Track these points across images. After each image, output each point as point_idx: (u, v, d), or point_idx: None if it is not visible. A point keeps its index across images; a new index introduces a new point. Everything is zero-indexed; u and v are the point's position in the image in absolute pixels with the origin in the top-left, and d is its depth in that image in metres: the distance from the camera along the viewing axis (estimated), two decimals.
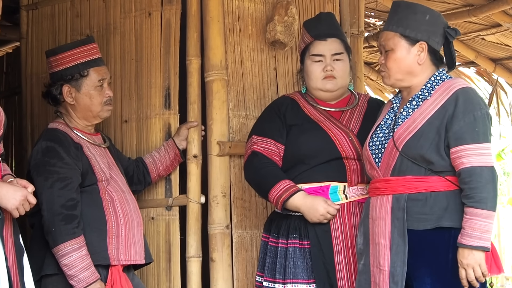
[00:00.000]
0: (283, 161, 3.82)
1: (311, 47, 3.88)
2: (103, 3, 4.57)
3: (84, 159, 3.72)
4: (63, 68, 3.83)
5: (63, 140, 3.72)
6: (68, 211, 3.56)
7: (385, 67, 3.47)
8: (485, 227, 3.19)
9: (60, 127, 3.81)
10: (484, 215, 3.18)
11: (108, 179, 3.77)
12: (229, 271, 4.12)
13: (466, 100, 3.31)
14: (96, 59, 3.86)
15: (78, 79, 3.81)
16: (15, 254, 3.17)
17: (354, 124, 3.83)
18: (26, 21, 4.91)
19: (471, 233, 3.18)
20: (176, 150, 4.17)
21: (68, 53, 3.84)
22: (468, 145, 3.24)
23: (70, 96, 3.82)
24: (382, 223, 3.37)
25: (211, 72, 4.19)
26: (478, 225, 3.18)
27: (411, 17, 3.44)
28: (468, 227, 3.19)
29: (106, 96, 3.84)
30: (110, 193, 3.75)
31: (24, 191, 3.13)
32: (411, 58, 3.43)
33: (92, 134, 3.90)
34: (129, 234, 3.73)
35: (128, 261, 3.73)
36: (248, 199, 4.24)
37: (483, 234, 3.18)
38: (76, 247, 3.53)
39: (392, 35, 3.45)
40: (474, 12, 5.86)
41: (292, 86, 4.48)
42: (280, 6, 4.33)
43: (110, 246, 3.66)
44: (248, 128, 4.25)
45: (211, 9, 4.21)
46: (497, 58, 6.85)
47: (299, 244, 3.72)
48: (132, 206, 3.82)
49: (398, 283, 3.29)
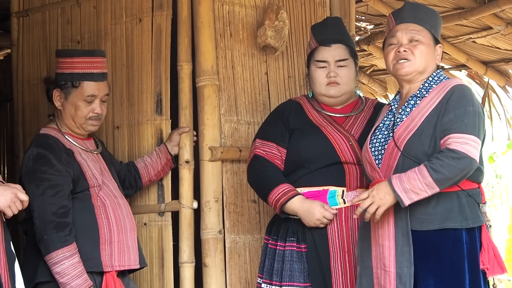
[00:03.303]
0: (285, 165, 3.84)
1: (315, 53, 3.90)
2: (94, 10, 4.56)
3: (75, 165, 3.71)
4: (60, 72, 3.82)
5: (54, 146, 3.70)
6: (59, 219, 3.55)
7: (412, 56, 3.45)
8: (417, 189, 3.20)
9: (51, 132, 3.79)
10: (427, 181, 3.19)
11: (100, 184, 3.76)
12: (222, 276, 4.12)
13: (460, 95, 3.34)
14: (94, 73, 3.80)
15: (69, 88, 3.78)
16: (6, 261, 3.16)
17: (356, 129, 3.85)
18: (17, 28, 4.90)
19: (405, 182, 3.21)
20: (168, 156, 4.16)
21: (69, 59, 3.81)
22: (454, 134, 3.25)
23: (59, 100, 3.81)
24: (385, 224, 3.37)
25: (202, 77, 4.19)
26: (416, 182, 3.20)
27: (433, 19, 3.52)
28: (408, 176, 3.21)
29: (92, 112, 3.80)
30: (102, 199, 3.73)
31: (13, 189, 3.11)
32: (432, 55, 3.48)
33: (84, 139, 3.88)
34: (122, 239, 3.72)
35: (122, 267, 3.72)
36: (240, 204, 4.24)
37: (411, 191, 3.20)
38: (68, 255, 3.52)
39: (421, 28, 3.48)
40: (465, 15, 5.87)
41: (284, 91, 4.49)
42: (271, 11, 4.34)
43: (103, 252, 3.65)
44: (240, 133, 4.26)
45: (202, 15, 4.21)
46: (488, 61, 6.86)
47: (296, 248, 3.73)
48: (125, 211, 3.81)
49: (406, 284, 3.29)
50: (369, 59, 7.28)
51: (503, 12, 5.74)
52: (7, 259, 3.16)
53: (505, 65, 6.84)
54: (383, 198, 3.28)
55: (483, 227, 3.36)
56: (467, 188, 3.33)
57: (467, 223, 3.29)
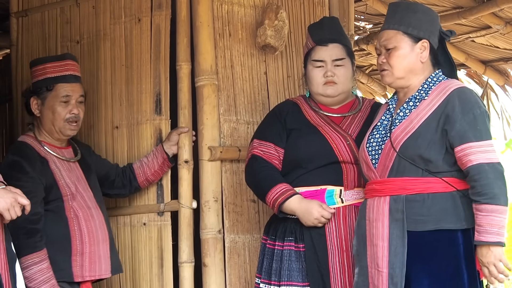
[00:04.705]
0: (283, 165, 3.84)
1: (312, 52, 3.89)
2: (93, 10, 4.56)
3: (48, 174, 3.80)
4: (35, 80, 3.94)
5: (29, 154, 3.80)
6: (30, 225, 3.63)
7: (388, 65, 3.45)
8: (501, 223, 3.20)
9: (28, 140, 3.89)
10: (500, 210, 3.19)
11: (73, 193, 3.84)
12: (222, 276, 4.12)
13: (464, 99, 3.32)
14: (66, 75, 3.92)
15: (44, 92, 3.89)
16: (7, 261, 3.16)
17: (353, 129, 3.84)
18: (16, 28, 4.90)
19: (490, 229, 3.18)
20: (164, 155, 4.17)
21: (40, 67, 3.94)
22: (473, 142, 3.25)
23: (37, 108, 3.91)
24: (379, 225, 3.37)
25: (201, 77, 4.19)
26: (495, 221, 3.18)
27: (412, 15, 3.45)
28: (486, 223, 3.19)
29: (70, 113, 3.88)
30: (75, 211, 3.82)
31: (14, 193, 3.13)
32: (414, 55, 3.44)
33: (61, 148, 3.96)
34: (94, 250, 3.82)
35: (92, 277, 3.84)
36: (240, 203, 4.24)
37: (500, 229, 3.19)
38: (37, 261, 3.61)
39: (394, 33, 3.44)
40: (464, 14, 5.88)
41: (283, 91, 4.49)
42: (270, 10, 4.34)
43: (74, 263, 3.76)
44: (239, 132, 4.26)
45: (201, 14, 4.21)
46: (487, 60, 6.87)
47: (294, 247, 3.74)
48: (98, 222, 3.89)
49: (398, 284, 3.30)
50: (368, 58, 7.29)
51: (502, 11, 5.74)
52: (8, 260, 3.17)
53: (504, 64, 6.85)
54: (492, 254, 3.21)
55: None
56: (462, 188, 3.32)
57: (462, 224, 3.29)
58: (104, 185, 4.15)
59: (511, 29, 5.99)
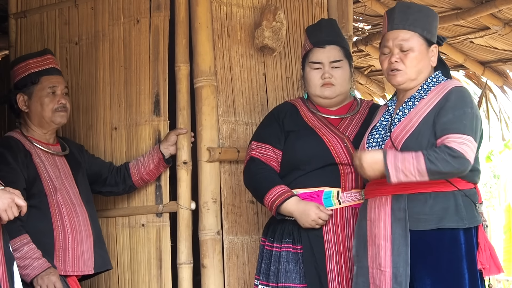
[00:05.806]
0: (281, 167, 3.85)
1: (310, 54, 3.90)
2: (92, 11, 4.56)
3: (31, 167, 3.84)
4: (19, 78, 3.99)
5: (13, 146, 3.86)
6: None
7: (402, 66, 3.43)
8: (408, 172, 3.21)
9: (14, 135, 3.96)
10: (420, 168, 3.20)
11: (55, 187, 3.87)
12: (221, 277, 4.12)
13: (458, 97, 3.34)
14: (48, 68, 4.01)
15: (30, 87, 3.96)
16: (5, 262, 3.16)
17: (351, 131, 3.85)
18: (14, 29, 4.90)
19: (399, 160, 3.22)
20: (160, 155, 4.17)
21: (23, 64, 4.01)
22: (453, 134, 3.25)
23: (24, 104, 3.97)
24: (381, 224, 3.38)
25: (200, 78, 4.19)
26: (409, 165, 3.21)
27: (425, 19, 3.47)
28: (404, 157, 3.22)
29: (58, 103, 3.95)
30: (59, 207, 3.85)
31: (11, 194, 3.13)
32: (427, 59, 3.46)
33: (49, 144, 3.99)
34: (76, 246, 3.85)
35: (75, 272, 3.85)
36: (238, 204, 4.24)
37: (401, 171, 3.21)
38: (25, 242, 3.65)
39: (411, 34, 3.44)
40: (462, 15, 5.87)
41: (281, 92, 4.49)
42: (268, 11, 4.34)
43: (57, 258, 3.79)
44: (238, 133, 4.26)
45: (199, 15, 4.21)
46: (486, 61, 6.86)
47: (292, 249, 3.74)
48: (82, 218, 3.91)
49: (402, 284, 3.30)
50: (366, 59, 7.28)
51: (501, 12, 5.74)
52: (6, 260, 3.17)
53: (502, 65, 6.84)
54: (371, 164, 3.30)
55: (480, 227, 3.38)
56: (463, 188, 3.34)
57: (463, 223, 3.30)
58: (96, 183, 4.19)
59: (509, 30, 5.98)
